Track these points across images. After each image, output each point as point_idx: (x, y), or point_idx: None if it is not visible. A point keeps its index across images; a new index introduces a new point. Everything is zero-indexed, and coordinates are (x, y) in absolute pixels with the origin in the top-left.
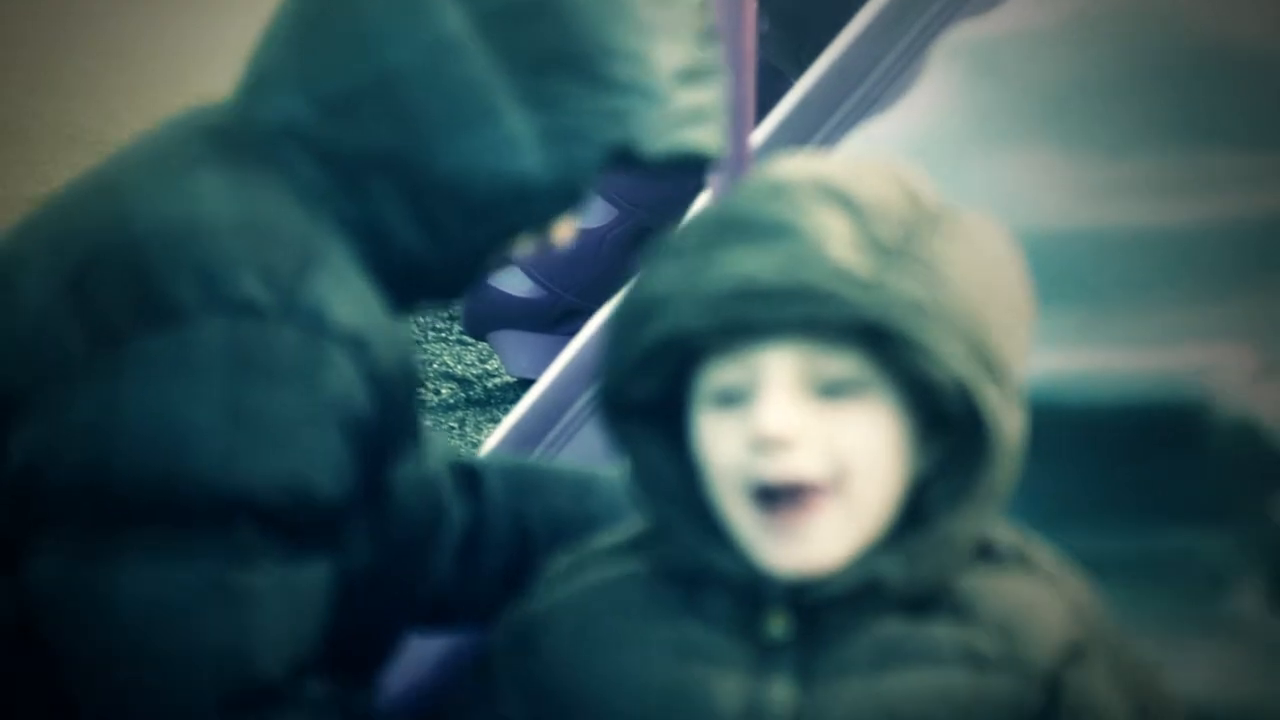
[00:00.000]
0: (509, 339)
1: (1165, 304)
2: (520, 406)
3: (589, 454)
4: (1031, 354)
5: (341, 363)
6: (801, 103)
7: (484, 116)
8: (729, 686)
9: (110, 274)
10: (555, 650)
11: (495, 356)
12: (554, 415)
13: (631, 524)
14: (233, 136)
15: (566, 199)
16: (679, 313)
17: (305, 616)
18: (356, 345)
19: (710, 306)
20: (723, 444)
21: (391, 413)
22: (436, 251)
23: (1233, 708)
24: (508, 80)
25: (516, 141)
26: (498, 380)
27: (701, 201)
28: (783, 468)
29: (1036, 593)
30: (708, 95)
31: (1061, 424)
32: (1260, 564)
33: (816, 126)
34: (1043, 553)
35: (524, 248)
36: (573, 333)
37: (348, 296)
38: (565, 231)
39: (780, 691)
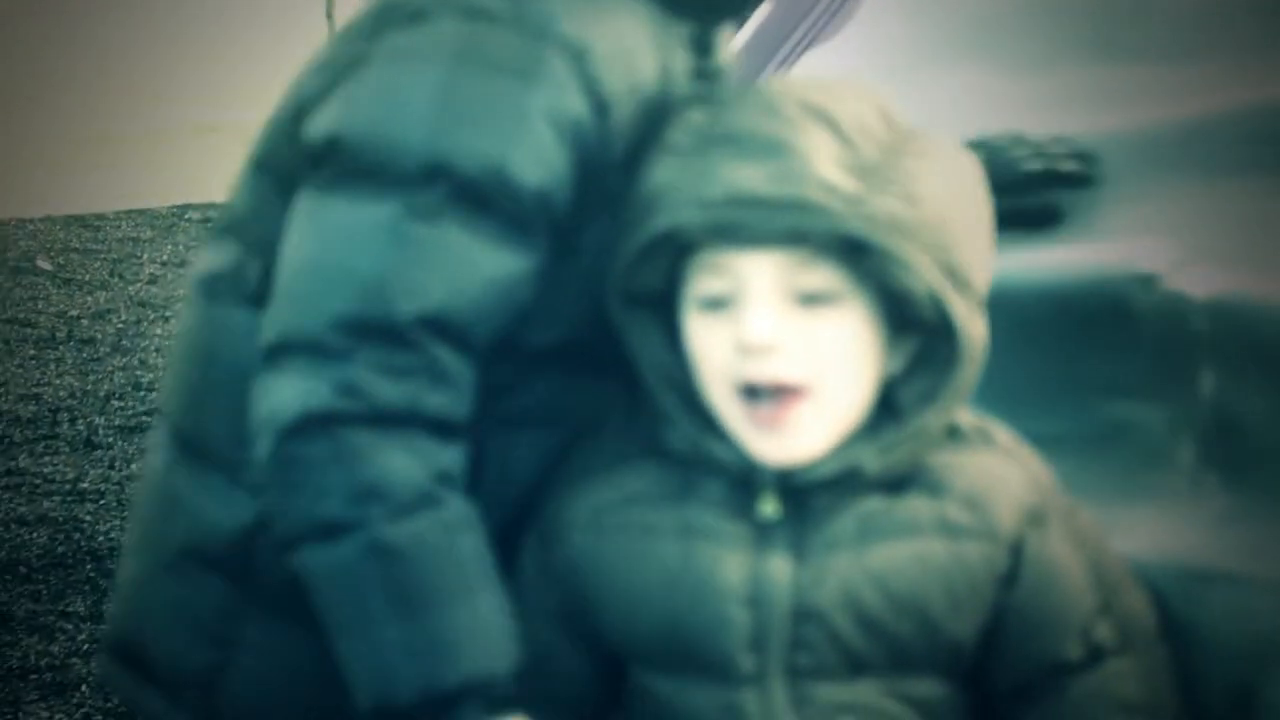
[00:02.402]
0: None
1: (1096, 204)
2: None
3: None
4: None
5: (559, 67)
6: (755, 36)
7: None
8: (732, 563)
9: (387, 6)
10: (574, 541)
11: None
12: None
13: (636, 415)
14: None
15: None
16: (677, 210)
17: (467, 288)
18: (577, 55)
19: (706, 208)
20: (710, 345)
21: (617, 127)
22: None
23: (1170, 564)
24: None
25: None
26: None
27: None
28: (766, 371)
29: (998, 466)
30: None
31: (1009, 315)
32: (1190, 434)
33: (769, 57)
34: (1000, 431)
35: None
36: None
37: (583, 12)
38: None
39: (778, 566)
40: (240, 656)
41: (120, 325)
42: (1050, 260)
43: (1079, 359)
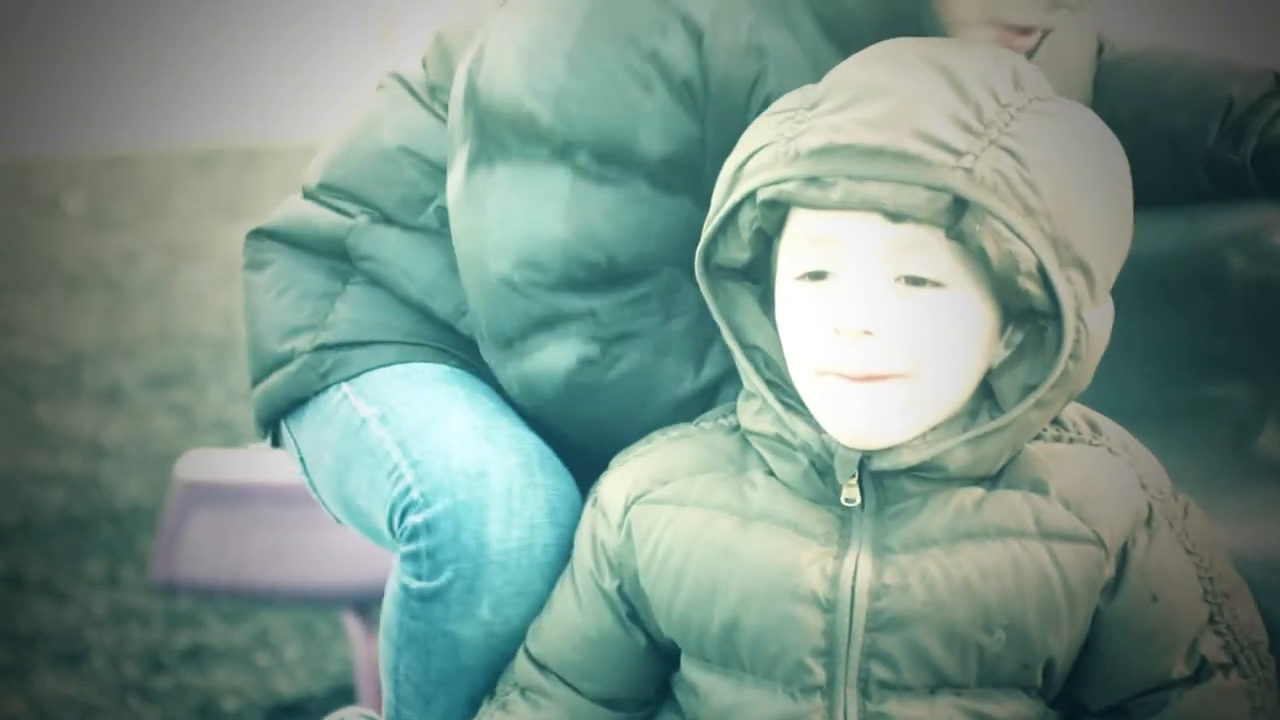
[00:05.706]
0: None
1: None
2: None
3: None
4: None
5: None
6: None
7: None
8: (806, 557)
9: None
10: (629, 514)
11: None
12: None
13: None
14: None
15: None
16: (768, 167)
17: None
18: (695, 33)
19: (795, 161)
20: (802, 322)
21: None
22: None
23: (1253, 555)
24: None
25: None
26: None
27: None
28: (858, 359)
29: (1104, 463)
30: None
31: None
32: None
33: None
34: (1108, 424)
35: None
36: None
37: None
38: None
39: (858, 564)
40: (338, 305)
41: (150, 269)
42: (1138, 222)
43: (1164, 329)
